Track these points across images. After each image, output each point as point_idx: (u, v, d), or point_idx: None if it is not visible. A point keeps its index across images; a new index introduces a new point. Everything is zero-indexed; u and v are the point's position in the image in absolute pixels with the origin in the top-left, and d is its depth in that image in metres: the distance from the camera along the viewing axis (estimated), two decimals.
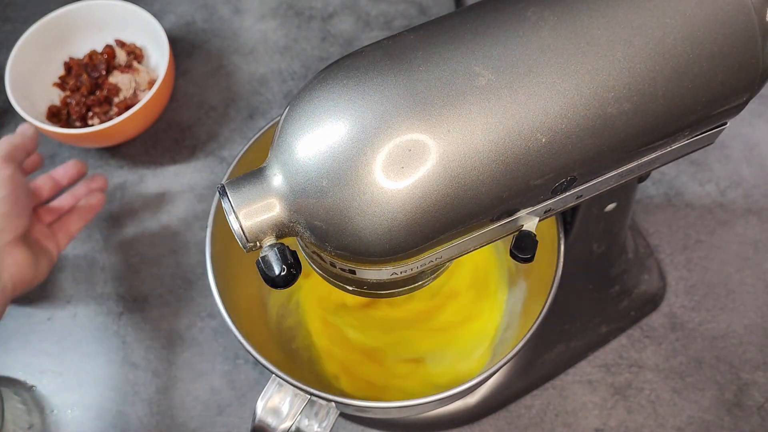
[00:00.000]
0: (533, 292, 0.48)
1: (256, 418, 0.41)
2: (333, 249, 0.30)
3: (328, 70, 0.30)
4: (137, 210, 0.67)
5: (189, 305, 0.62)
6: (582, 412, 0.56)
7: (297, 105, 0.30)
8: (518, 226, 0.33)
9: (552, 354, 0.56)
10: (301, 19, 0.77)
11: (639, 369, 0.58)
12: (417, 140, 0.28)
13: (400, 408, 0.41)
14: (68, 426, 0.57)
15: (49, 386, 0.59)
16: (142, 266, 0.64)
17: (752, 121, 0.68)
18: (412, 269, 0.32)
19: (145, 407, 0.58)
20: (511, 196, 0.30)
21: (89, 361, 0.60)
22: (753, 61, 0.31)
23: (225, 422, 0.57)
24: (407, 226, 0.29)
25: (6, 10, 0.80)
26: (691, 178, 0.66)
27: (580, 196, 0.34)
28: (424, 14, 0.77)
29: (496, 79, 0.28)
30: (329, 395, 0.40)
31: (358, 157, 0.28)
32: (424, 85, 0.28)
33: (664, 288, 0.60)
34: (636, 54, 0.29)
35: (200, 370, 0.59)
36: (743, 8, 0.30)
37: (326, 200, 0.29)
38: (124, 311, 0.62)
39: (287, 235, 0.31)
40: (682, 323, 0.59)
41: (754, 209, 0.64)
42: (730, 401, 0.56)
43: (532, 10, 0.29)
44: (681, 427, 0.55)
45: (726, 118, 0.34)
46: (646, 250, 0.60)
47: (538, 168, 0.29)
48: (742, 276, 0.61)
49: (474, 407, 0.55)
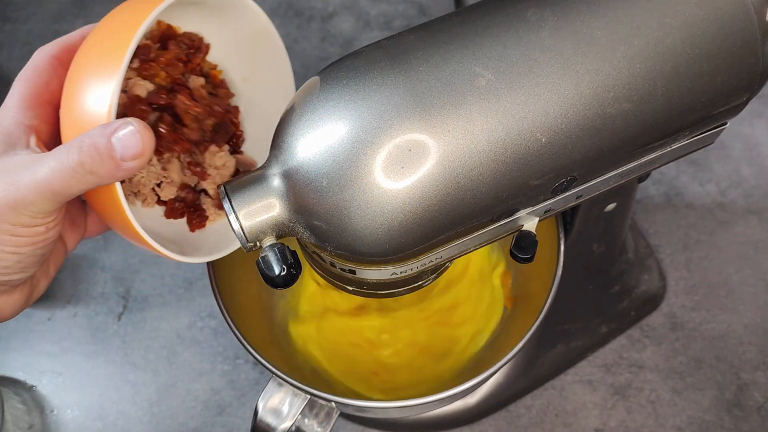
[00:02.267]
0: (533, 292, 0.48)
1: (256, 418, 0.41)
2: (333, 249, 0.30)
3: (327, 70, 0.30)
4: None
5: (189, 305, 0.62)
6: (582, 412, 0.56)
7: (297, 105, 0.30)
8: (518, 226, 0.33)
9: (552, 354, 0.56)
10: (301, 19, 0.77)
11: (639, 369, 0.58)
12: (417, 140, 0.28)
13: (400, 408, 0.41)
14: (68, 426, 0.57)
15: (49, 386, 0.59)
16: (142, 266, 0.64)
17: (752, 121, 0.68)
18: (412, 269, 0.32)
19: (145, 407, 0.58)
20: (511, 196, 0.30)
21: (89, 361, 0.60)
22: (753, 61, 0.31)
23: (225, 422, 0.57)
24: (407, 226, 0.29)
25: (6, 10, 0.80)
26: (691, 178, 0.66)
27: (580, 196, 0.34)
28: (424, 14, 0.77)
29: (496, 79, 0.28)
30: (329, 395, 0.40)
31: (358, 157, 0.28)
32: (424, 85, 0.28)
33: (664, 288, 0.60)
34: (636, 54, 0.29)
35: (200, 370, 0.59)
36: (743, 8, 0.30)
37: (326, 200, 0.29)
38: (124, 311, 0.62)
39: (287, 235, 0.31)
40: (682, 323, 0.59)
41: (754, 209, 0.64)
42: (730, 401, 0.56)
43: (532, 10, 0.29)
44: (681, 427, 0.55)
45: (726, 118, 0.34)
46: (646, 250, 0.60)
47: (538, 168, 0.29)
48: (742, 276, 0.61)
49: (474, 407, 0.55)
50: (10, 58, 0.76)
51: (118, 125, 0.30)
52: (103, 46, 0.32)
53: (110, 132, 0.30)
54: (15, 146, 0.33)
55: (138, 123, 0.30)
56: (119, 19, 0.33)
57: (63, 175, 0.30)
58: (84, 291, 0.63)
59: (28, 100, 0.34)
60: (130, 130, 0.30)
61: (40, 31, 0.77)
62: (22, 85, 0.35)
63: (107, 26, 0.34)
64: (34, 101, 0.34)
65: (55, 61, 0.35)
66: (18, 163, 0.32)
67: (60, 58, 0.35)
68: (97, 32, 0.34)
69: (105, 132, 0.30)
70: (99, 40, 0.33)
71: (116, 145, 0.30)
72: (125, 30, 0.32)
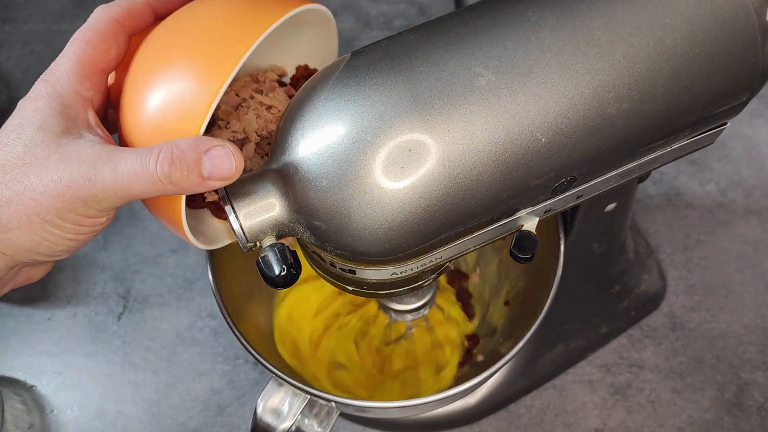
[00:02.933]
0: (534, 292, 0.48)
1: (256, 418, 0.41)
2: (333, 249, 0.30)
3: (327, 70, 0.30)
4: (137, 210, 0.67)
5: (189, 305, 0.62)
6: (582, 412, 0.56)
7: (297, 105, 0.30)
8: (518, 226, 0.33)
9: (552, 354, 0.56)
10: None
11: (639, 369, 0.58)
12: (417, 140, 0.28)
13: (400, 408, 0.41)
14: (68, 426, 0.57)
15: (49, 386, 0.59)
16: (142, 266, 0.64)
17: (752, 121, 0.68)
18: (412, 269, 0.32)
19: (145, 407, 0.58)
20: (511, 196, 0.30)
21: (89, 361, 0.60)
22: (753, 61, 0.31)
23: (225, 422, 0.57)
24: (407, 226, 0.29)
25: (6, 10, 0.80)
26: (691, 178, 0.66)
27: (580, 196, 0.34)
28: (424, 14, 0.77)
29: (496, 79, 0.28)
30: (329, 395, 0.40)
31: (358, 157, 0.28)
32: (424, 85, 0.28)
33: (664, 288, 0.60)
34: (636, 54, 0.29)
35: (200, 370, 0.59)
36: (743, 8, 0.30)
37: (326, 200, 0.29)
38: (124, 311, 0.62)
39: (287, 235, 0.31)
40: (682, 323, 0.59)
41: (754, 209, 0.64)
42: (730, 401, 0.56)
43: (532, 10, 0.29)
44: (681, 427, 0.55)
45: (726, 118, 0.34)
46: (646, 250, 0.60)
47: (538, 168, 0.29)
48: (742, 276, 0.61)
49: (474, 407, 0.55)
50: (10, 58, 0.76)
51: (213, 145, 0.29)
52: (204, 49, 0.30)
53: (204, 149, 0.29)
54: (76, 122, 0.31)
55: (233, 147, 0.30)
56: (224, 20, 0.31)
57: (145, 182, 0.29)
58: (84, 291, 0.63)
59: (85, 68, 0.32)
60: (225, 152, 0.29)
61: (40, 31, 0.78)
62: (79, 47, 0.32)
63: (203, 21, 0.31)
64: (91, 69, 0.32)
65: (117, 26, 0.33)
66: (93, 155, 0.30)
67: (123, 23, 0.33)
68: (189, 23, 0.31)
69: (198, 148, 0.29)
70: (194, 38, 0.30)
71: (206, 164, 0.29)
72: (236, 38, 0.29)
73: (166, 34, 0.32)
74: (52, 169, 0.30)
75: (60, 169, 0.30)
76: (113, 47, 0.33)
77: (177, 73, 0.30)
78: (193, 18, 0.32)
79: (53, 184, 0.30)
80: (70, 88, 0.32)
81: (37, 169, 0.30)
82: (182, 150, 0.29)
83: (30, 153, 0.30)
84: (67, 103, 0.31)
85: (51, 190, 0.30)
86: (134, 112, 0.31)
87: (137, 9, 0.33)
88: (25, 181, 0.30)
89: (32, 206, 0.30)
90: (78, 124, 0.31)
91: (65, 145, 0.30)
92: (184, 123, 0.30)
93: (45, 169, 0.30)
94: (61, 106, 0.31)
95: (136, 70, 0.32)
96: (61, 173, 0.30)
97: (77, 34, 0.33)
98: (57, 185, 0.30)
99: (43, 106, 0.31)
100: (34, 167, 0.30)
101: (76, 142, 0.30)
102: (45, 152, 0.30)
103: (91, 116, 0.32)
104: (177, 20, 0.32)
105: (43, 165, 0.30)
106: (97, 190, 0.30)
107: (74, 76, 0.32)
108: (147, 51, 0.32)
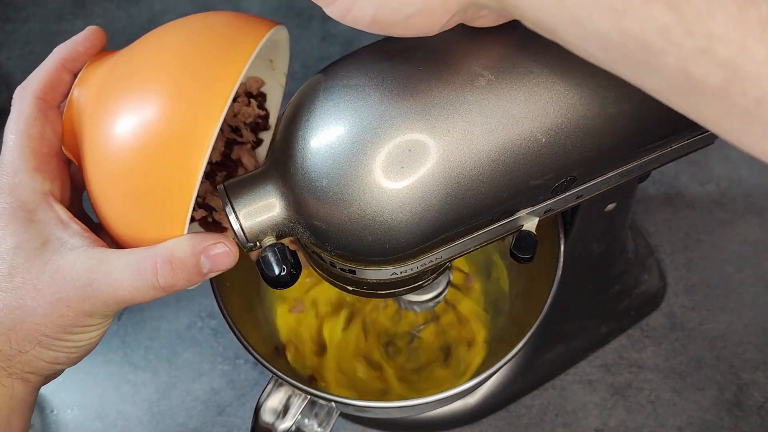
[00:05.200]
0: (534, 292, 0.48)
1: (256, 418, 0.41)
2: (333, 249, 0.30)
3: (327, 70, 0.30)
4: None
5: (189, 305, 0.62)
6: (582, 412, 0.56)
7: (297, 105, 0.30)
8: (518, 226, 0.33)
9: (552, 354, 0.56)
10: (301, 19, 0.77)
11: (639, 369, 0.58)
12: (417, 140, 0.28)
13: (400, 408, 0.41)
14: (68, 426, 0.57)
15: (49, 386, 0.59)
16: None
17: None
18: (412, 269, 0.32)
19: (145, 407, 0.58)
20: (511, 196, 0.30)
21: (89, 361, 0.59)
22: None
23: (225, 422, 0.57)
24: (407, 226, 0.29)
25: (6, 10, 0.80)
26: (691, 178, 0.66)
27: (580, 196, 0.34)
28: None
29: (496, 79, 0.28)
30: (329, 395, 0.40)
31: (357, 157, 0.28)
32: (424, 85, 0.28)
33: (664, 288, 0.60)
34: None
35: (200, 370, 0.59)
36: None
37: (326, 200, 0.29)
38: (124, 311, 0.62)
39: (287, 235, 0.31)
40: (682, 323, 0.59)
41: (754, 209, 0.64)
42: (730, 401, 0.56)
43: None
44: (681, 427, 0.55)
45: None
46: (646, 250, 0.60)
47: (538, 168, 0.29)
48: (742, 276, 0.61)
49: (474, 407, 0.55)
50: (10, 58, 0.76)
51: (208, 245, 0.29)
52: (171, 127, 0.27)
53: (200, 252, 0.29)
54: (49, 226, 0.30)
55: (229, 242, 0.29)
56: (179, 81, 0.27)
57: (147, 294, 0.29)
58: None
59: (30, 160, 0.31)
60: (224, 251, 0.29)
61: (40, 31, 0.77)
62: (18, 140, 0.31)
63: (147, 81, 0.28)
64: (37, 159, 0.31)
65: (43, 104, 0.31)
66: (85, 272, 0.29)
67: (45, 99, 0.32)
68: (131, 88, 0.28)
69: (195, 251, 0.29)
70: (148, 108, 0.27)
71: (206, 264, 0.29)
72: (206, 100, 0.27)
73: (108, 104, 0.29)
74: (46, 291, 0.29)
75: (54, 291, 0.29)
76: (47, 126, 0.31)
77: (136, 157, 0.28)
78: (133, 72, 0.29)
79: (52, 307, 0.29)
80: (27, 188, 0.30)
81: (30, 292, 0.29)
82: (180, 258, 0.29)
83: (17, 275, 0.29)
84: (31, 208, 0.30)
85: (51, 312, 0.29)
86: (110, 206, 0.30)
87: (54, 77, 0.32)
88: (23, 306, 0.29)
89: (38, 329, 0.30)
90: (52, 228, 0.30)
91: (50, 261, 0.29)
92: (167, 220, 0.28)
93: (39, 293, 0.29)
94: (27, 213, 0.30)
95: (89, 153, 0.30)
96: (58, 295, 0.29)
97: (8, 126, 0.31)
98: (57, 307, 0.29)
99: (8, 222, 0.30)
100: (27, 290, 0.29)
101: (60, 256, 0.30)
102: (33, 272, 0.29)
103: (61, 212, 0.31)
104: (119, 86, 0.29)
105: (35, 288, 0.29)
106: (99, 306, 0.29)
107: (24, 175, 0.31)
108: (93, 126, 0.29)
